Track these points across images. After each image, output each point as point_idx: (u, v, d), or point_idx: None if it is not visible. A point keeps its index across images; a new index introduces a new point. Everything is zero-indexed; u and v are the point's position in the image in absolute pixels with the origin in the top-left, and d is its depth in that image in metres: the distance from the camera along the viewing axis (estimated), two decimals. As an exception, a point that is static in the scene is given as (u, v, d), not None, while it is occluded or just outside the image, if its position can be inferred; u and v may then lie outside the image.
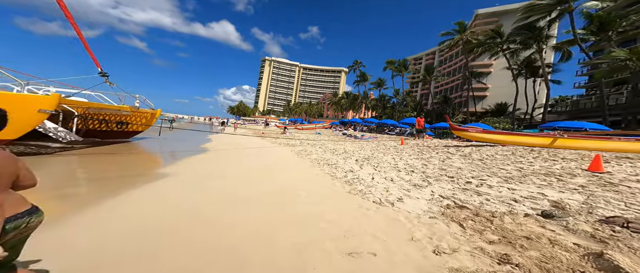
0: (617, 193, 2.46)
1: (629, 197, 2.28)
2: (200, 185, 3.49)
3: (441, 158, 5.63)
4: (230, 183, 3.64)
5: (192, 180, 3.82)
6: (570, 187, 2.75)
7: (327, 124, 29.09)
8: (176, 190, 3.19)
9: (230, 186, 3.42)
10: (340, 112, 64.06)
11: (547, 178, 3.28)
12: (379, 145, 9.54)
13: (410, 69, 50.33)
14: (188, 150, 7.75)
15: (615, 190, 2.61)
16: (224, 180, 3.81)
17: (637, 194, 2.37)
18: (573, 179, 3.19)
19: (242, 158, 6.48)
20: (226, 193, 3.04)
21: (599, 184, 2.89)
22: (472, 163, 4.85)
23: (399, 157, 5.99)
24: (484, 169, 4.20)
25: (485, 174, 3.76)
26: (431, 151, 7.15)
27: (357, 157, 6.19)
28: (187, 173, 4.26)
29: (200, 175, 4.21)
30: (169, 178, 3.75)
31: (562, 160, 4.61)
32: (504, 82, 38.80)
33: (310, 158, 6.15)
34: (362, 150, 7.65)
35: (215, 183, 3.62)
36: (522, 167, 4.19)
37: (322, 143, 9.76)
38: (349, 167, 4.81)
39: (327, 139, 12.62)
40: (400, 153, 6.95)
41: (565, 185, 2.87)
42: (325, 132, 19.51)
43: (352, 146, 9.08)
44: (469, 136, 7.55)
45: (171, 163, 5.46)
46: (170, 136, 11.16)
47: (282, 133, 15.87)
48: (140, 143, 8.88)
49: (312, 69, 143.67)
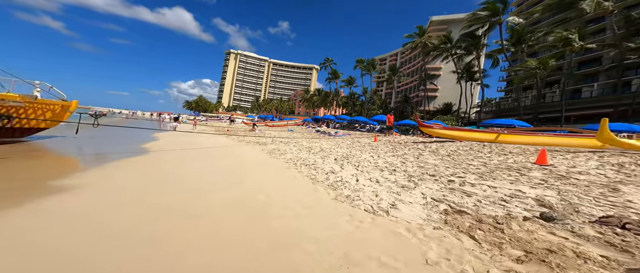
0: (575, 186, 2.73)
1: (588, 191, 2.52)
2: (125, 197, 2.45)
3: (415, 155, 5.79)
4: (176, 194, 2.74)
5: (112, 192, 2.69)
6: (536, 182, 2.96)
7: (300, 120, 28.35)
8: (80, 209, 2.14)
9: (178, 199, 2.55)
10: (312, 109, 63.84)
11: (512, 173, 3.54)
12: (354, 142, 9.51)
13: (377, 69, 53.36)
14: (119, 152, 6.02)
15: (570, 182, 2.91)
16: (168, 190, 2.86)
17: (591, 187, 2.66)
18: (531, 173, 3.51)
19: (198, 160, 5.34)
20: (169, 208, 2.20)
21: (554, 177, 3.22)
22: (443, 159, 5.09)
23: (376, 155, 5.92)
24: (456, 165, 4.39)
25: (460, 171, 3.87)
26: (403, 147, 7.40)
27: (335, 155, 5.86)
28: (105, 184, 3.07)
29: (126, 186, 3.07)
30: (73, 192, 2.57)
31: (511, 155, 5.24)
32: (450, 85, 44.93)
33: (285, 159, 5.52)
34: (338, 148, 7.40)
35: (152, 194, 2.66)
36: (485, 162, 4.55)
37: (296, 141, 9.15)
38: (329, 168, 4.41)
39: (300, 137, 12.04)
40: (376, 150, 6.94)
41: (530, 180, 3.09)
42: (298, 129, 18.83)
43: (327, 144, 8.77)
44: (434, 133, 8.15)
45: (85, 170, 3.96)
46: (97, 134, 8.64)
47: (250, 130, 14.45)
48: (45, 143, 6.52)
49: (282, 64, 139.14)
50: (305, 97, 66.06)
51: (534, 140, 7.14)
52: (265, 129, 16.46)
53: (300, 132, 16.22)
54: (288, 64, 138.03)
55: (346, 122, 23.97)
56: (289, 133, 14.13)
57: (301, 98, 70.56)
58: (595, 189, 2.56)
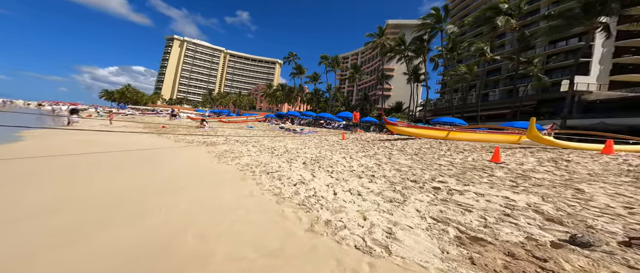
0: (545, 188, 2.79)
1: (562, 194, 2.55)
2: None
3: (386, 155, 5.58)
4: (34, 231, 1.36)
5: None
6: (510, 185, 2.93)
7: (261, 116, 26.00)
8: None
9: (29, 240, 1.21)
10: (275, 105, 60.69)
11: (483, 175, 3.54)
12: (322, 140, 8.91)
13: (340, 66, 54.86)
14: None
15: (535, 183, 2.99)
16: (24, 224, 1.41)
17: (557, 187, 2.76)
18: (496, 173, 3.61)
19: (98, 171, 3.52)
20: None
21: (518, 177, 3.35)
22: (413, 159, 4.99)
23: (349, 156, 5.42)
24: (428, 166, 4.27)
25: (436, 173, 3.69)
26: (372, 146, 7.23)
27: (304, 158, 5.03)
28: None
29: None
30: None
31: (465, 152, 5.62)
32: (401, 85, 50.38)
33: (240, 164, 4.32)
34: (306, 148, 6.61)
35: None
36: (451, 161, 4.63)
37: (256, 140, 7.82)
38: (297, 176, 3.55)
39: (262, 134, 10.62)
40: (347, 150, 6.49)
41: (503, 183, 3.07)
42: (259, 126, 16.96)
43: (293, 143, 7.84)
44: (398, 130, 8.38)
45: None
46: None
47: (198, 127, 11.90)
48: None
49: (242, 57, 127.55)
50: (267, 92, 62.14)
51: (475, 137, 8.21)
52: (218, 126, 13.97)
53: (262, 129, 14.56)
54: (248, 57, 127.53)
55: (312, 118, 23.35)
56: (248, 130, 12.37)
57: (263, 93, 66.04)
58: (563, 190, 2.64)
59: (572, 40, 25.63)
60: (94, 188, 2.83)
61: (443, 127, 8.73)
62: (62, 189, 2.73)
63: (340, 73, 62.51)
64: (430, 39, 27.67)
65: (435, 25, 25.39)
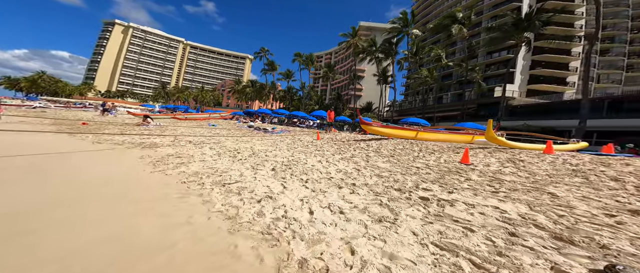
0: (523, 192, 2.75)
1: (540, 199, 2.50)
2: None
3: (363, 157, 5.27)
4: None
5: None
6: (490, 191, 2.83)
7: (228, 113, 23.48)
8: None
9: None
10: (244, 102, 56.55)
11: (460, 179, 3.46)
12: (296, 140, 8.20)
13: (314, 65, 54.56)
14: None
15: (510, 187, 2.98)
16: None
17: (531, 191, 2.75)
18: (471, 176, 3.58)
19: None
20: None
21: (492, 180, 3.35)
22: (390, 161, 4.78)
23: (325, 159, 4.89)
24: (407, 170, 4.06)
25: (418, 179, 3.45)
26: (348, 147, 6.91)
27: (273, 162, 4.28)
28: None
29: None
30: None
31: (435, 152, 5.74)
32: (371, 86, 53.21)
33: (186, 173, 3.29)
34: (277, 150, 5.82)
35: None
36: (426, 163, 4.56)
37: (217, 141, 6.61)
38: (263, 188, 2.81)
39: (226, 134, 9.25)
40: (322, 151, 5.97)
41: (482, 187, 2.98)
42: (224, 124, 15.07)
43: (263, 144, 6.92)
44: (372, 130, 8.31)
45: None
46: None
47: (139, 124, 9.66)
48: None
49: (205, 49, 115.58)
50: (235, 88, 57.48)
51: (439, 137, 8.78)
52: (171, 123, 11.69)
53: (227, 127, 12.90)
54: (214, 50, 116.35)
55: (285, 116, 22.22)
56: (209, 129, 10.70)
57: (231, 89, 60.76)
58: (539, 195, 2.63)
59: (503, 52, 31.09)
60: None
61: (412, 127, 9.06)
62: None
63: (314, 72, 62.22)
64: (397, 42, 29.66)
65: (402, 29, 27.27)
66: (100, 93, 70.07)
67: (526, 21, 16.78)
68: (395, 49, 30.26)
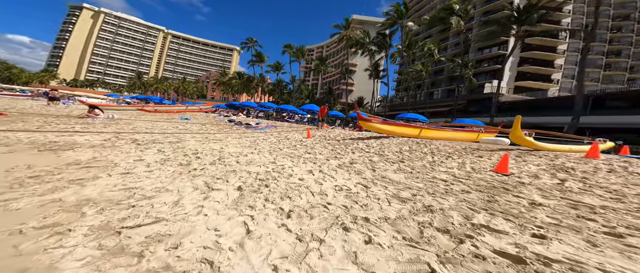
0: (601, 223, 1.69)
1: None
2: None
3: (366, 163, 4.10)
4: None
5: None
6: (592, 227, 1.76)
7: (209, 106, 21.29)
8: None
9: None
10: (230, 95, 53.48)
11: (511, 200, 2.38)
12: (282, 139, 6.86)
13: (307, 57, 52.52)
14: None
15: (606, 220, 1.93)
16: None
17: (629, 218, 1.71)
18: (531, 195, 2.53)
19: None
20: None
21: (570, 205, 2.30)
22: (402, 169, 3.65)
23: (318, 167, 3.65)
24: (432, 185, 2.95)
25: (459, 202, 2.34)
26: (344, 148, 5.72)
27: (243, 175, 2.94)
28: None
29: None
30: None
31: (454, 156, 4.71)
32: (363, 81, 52.39)
33: (64, 203, 1.75)
34: (255, 154, 4.47)
35: None
36: (451, 172, 3.49)
37: (178, 138, 5.11)
38: (205, 238, 1.50)
39: (197, 130, 7.66)
40: (314, 155, 4.72)
41: (575, 222, 1.90)
42: (202, 118, 13.20)
43: (238, 143, 5.52)
44: (372, 127, 7.18)
45: None
46: None
47: (83, 116, 7.74)
48: None
49: (188, 39, 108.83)
50: (221, 80, 54.06)
51: (445, 135, 7.85)
52: (134, 116, 9.69)
53: (203, 121, 11.15)
54: (198, 40, 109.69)
55: (272, 110, 20.51)
56: (180, 123, 8.97)
57: (216, 81, 57.11)
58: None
59: (493, 49, 31.28)
60: None
61: (415, 124, 8.05)
62: None
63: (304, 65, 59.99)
64: (391, 34, 28.65)
65: (396, 20, 26.21)
66: (66, 82, 62.83)
67: (525, 14, 16.35)
68: (389, 42, 29.26)
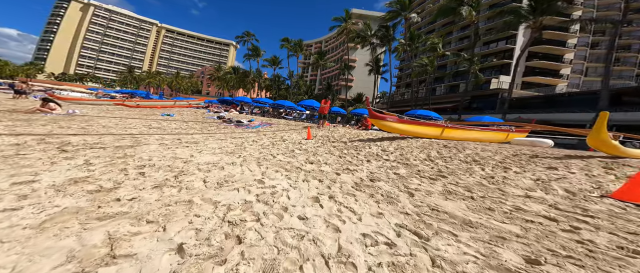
0: None
1: None
2: None
3: (390, 177, 2.89)
4: None
5: None
6: None
7: (200, 101, 19.84)
8: None
9: None
10: (226, 90, 51.77)
11: None
12: (277, 141, 5.60)
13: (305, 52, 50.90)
14: None
15: None
16: None
17: None
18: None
19: None
20: None
21: None
22: (449, 191, 2.46)
23: (326, 188, 2.42)
24: (515, 222, 1.73)
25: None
26: (355, 153, 4.49)
27: (204, 214, 1.67)
28: None
29: None
30: None
31: (513, 166, 3.51)
32: (362, 76, 51.03)
33: None
34: (238, 164, 3.20)
35: None
36: (530, 191, 2.30)
37: (136, 143, 3.83)
38: None
39: (173, 128, 6.35)
40: (318, 165, 3.48)
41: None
42: (189, 114, 11.80)
43: (220, 148, 4.25)
44: (386, 127, 5.94)
45: None
46: None
47: (32, 111, 6.38)
48: None
49: (183, 34, 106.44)
50: (216, 75, 52.24)
51: (471, 135, 6.66)
52: (110, 112, 8.31)
53: (188, 119, 9.78)
54: (193, 35, 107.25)
55: (268, 106, 19.10)
56: (159, 120, 7.64)
57: (211, 76, 55.26)
58: None
59: (500, 43, 30.01)
60: None
61: (436, 122, 6.83)
62: None
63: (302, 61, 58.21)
64: (394, 26, 27.23)
65: (400, 12, 24.77)
66: (54, 75, 60.33)
67: (545, 2, 15.02)
68: (392, 35, 27.81)
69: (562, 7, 16.12)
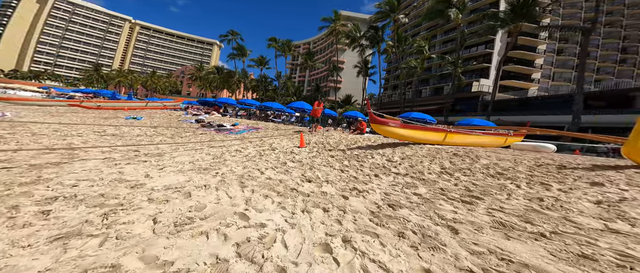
0: None
1: None
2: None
3: (411, 201, 2.26)
4: None
5: None
6: None
7: (177, 102, 18.05)
8: None
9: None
10: (209, 91, 48.95)
11: None
12: (266, 150, 4.75)
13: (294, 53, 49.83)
14: None
15: None
16: None
17: None
18: None
19: None
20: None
21: None
22: (500, 223, 1.88)
23: (335, 222, 1.69)
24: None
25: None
26: (358, 165, 3.85)
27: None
28: None
29: None
30: None
31: (550, 178, 3.07)
32: (350, 78, 51.16)
33: None
34: (213, 186, 2.34)
35: None
36: (608, 223, 1.79)
37: (65, 159, 2.80)
38: None
39: (138, 134, 5.21)
40: (318, 183, 2.74)
41: None
42: (162, 117, 10.33)
43: (191, 162, 3.32)
44: (388, 132, 5.37)
45: None
46: None
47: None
48: None
49: (161, 31, 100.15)
50: (197, 74, 49.25)
51: (472, 140, 6.35)
52: (60, 114, 6.68)
53: (160, 123, 8.45)
54: (172, 33, 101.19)
55: (255, 108, 17.90)
56: (122, 124, 6.34)
57: (192, 76, 51.99)
58: None
59: (480, 47, 31.67)
60: None
61: (438, 127, 6.43)
62: None
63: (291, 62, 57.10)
64: (384, 27, 27.42)
65: (389, 13, 24.93)
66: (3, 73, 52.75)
67: (525, 7, 15.90)
68: (381, 36, 27.97)
69: (537, 13, 17.30)
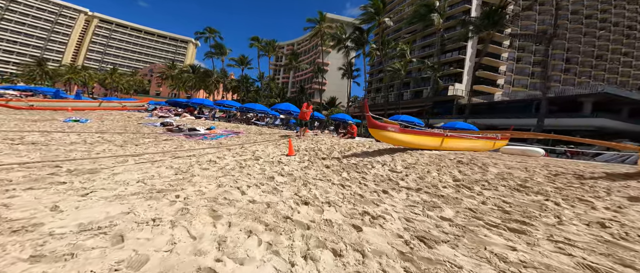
0: None
1: None
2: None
3: (444, 230, 1.72)
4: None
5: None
6: None
7: (142, 102, 15.75)
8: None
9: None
10: (183, 91, 44.96)
11: None
12: (247, 160, 3.91)
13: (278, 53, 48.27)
14: None
15: None
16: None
17: None
18: None
19: None
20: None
21: None
22: (582, 263, 1.43)
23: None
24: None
25: None
26: (359, 178, 3.28)
27: None
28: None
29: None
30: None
31: (587, 188, 2.77)
32: (334, 81, 51.44)
33: None
34: (165, 223, 1.52)
35: None
36: None
37: None
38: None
39: (72, 142, 3.95)
40: (320, 208, 2.04)
41: None
42: (118, 119, 8.55)
43: (139, 182, 2.40)
44: (387, 138, 4.91)
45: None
46: None
47: None
48: None
49: (125, 26, 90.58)
50: (168, 73, 45.02)
51: (465, 145, 6.24)
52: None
53: (111, 126, 6.86)
54: (138, 28, 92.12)
55: (235, 110, 16.46)
56: (57, 129, 4.85)
57: (162, 74, 47.32)
58: None
59: (454, 53, 34.05)
60: None
61: (434, 131, 6.19)
62: None
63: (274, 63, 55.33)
64: (369, 30, 27.78)
65: (374, 16, 25.35)
66: None
67: (497, 16, 17.29)
68: (366, 38, 28.29)
69: (507, 22, 19.04)
